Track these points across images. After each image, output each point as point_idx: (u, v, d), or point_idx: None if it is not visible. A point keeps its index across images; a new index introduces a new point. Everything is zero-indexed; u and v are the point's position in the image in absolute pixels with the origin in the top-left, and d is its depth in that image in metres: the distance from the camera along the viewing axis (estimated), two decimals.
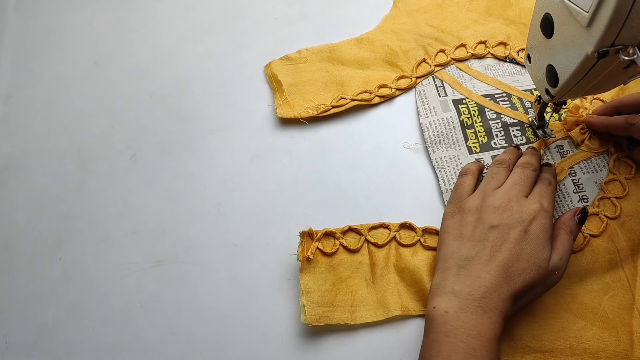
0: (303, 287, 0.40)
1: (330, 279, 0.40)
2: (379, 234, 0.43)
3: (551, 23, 0.35)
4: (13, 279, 0.44)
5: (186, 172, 0.48)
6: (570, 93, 0.37)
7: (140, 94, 0.53)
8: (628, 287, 0.39)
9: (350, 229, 0.42)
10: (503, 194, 0.38)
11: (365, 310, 0.39)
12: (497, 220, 0.36)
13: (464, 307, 0.33)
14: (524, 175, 0.40)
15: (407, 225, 0.43)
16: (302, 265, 0.40)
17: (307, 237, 0.42)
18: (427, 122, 0.48)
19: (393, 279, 0.41)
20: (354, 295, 0.40)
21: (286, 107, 0.50)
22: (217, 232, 0.45)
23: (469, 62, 0.52)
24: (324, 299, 0.39)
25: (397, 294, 0.40)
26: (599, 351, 0.37)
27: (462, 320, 0.32)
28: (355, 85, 0.51)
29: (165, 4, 0.60)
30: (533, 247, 0.35)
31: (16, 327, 0.41)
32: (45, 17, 0.61)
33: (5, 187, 0.49)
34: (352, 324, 0.39)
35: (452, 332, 0.32)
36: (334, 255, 0.41)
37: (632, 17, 0.29)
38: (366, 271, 0.41)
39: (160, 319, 0.41)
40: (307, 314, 0.38)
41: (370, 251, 0.42)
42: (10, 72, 0.56)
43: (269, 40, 0.56)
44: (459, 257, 0.36)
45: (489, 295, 0.33)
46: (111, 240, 0.45)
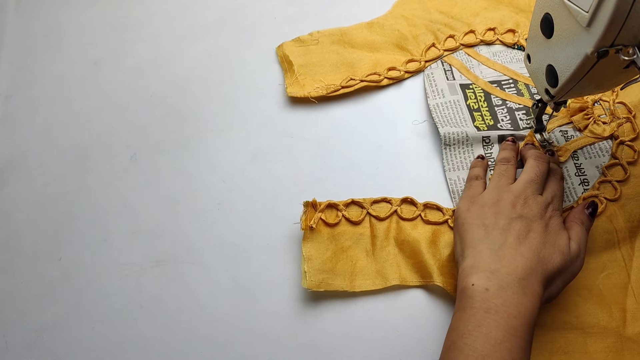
0: (305, 255, 0.41)
1: (332, 248, 0.41)
2: (381, 207, 0.44)
3: (551, 23, 0.35)
4: (13, 279, 0.44)
5: (186, 172, 0.48)
6: (570, 93, 0.37)
7: (140, 94, 0.53)
8: (624, 267, 0.40)
9: (353, 202, 0.44)
10: (519, 191, 0.39)
11: (364, 279, 0.41)
12: (517, 213, 0.37)
13: (504, 285, 0.33)
14: (539, 171, 0.40)
15: (408, 200, 0.44)
16: (305, 233, 0.42)
17: (311, 207, 0.43)
18: (435, 104, 0.49)
19: (392, 250, 0.42)
20: (354, 264, 0.41)
21: (296, 87, 0.51)
22: (217, 232, 0.45)
23: (477, 48, 0.53)
24: (325, 267, 0.40)
25: (395, 265, 0.41)
26: (591, 326, 0.38)
27: (503, 299, 0.32)
28: (365, 67, 0.52)
29: (165, 4, 0.60)
30: (554, 237, 0.36)
31: (16, 327, 0.41)
32: (45, 17, 0.61)
33: (5, 187, 0.49)
34: (351, 292, 0.40)
35: (494, 309, 0.32)
36: (336, 226, 0.43)
37: (632, 17, 0.29)
38: (367, 242, 0.42)
39: (160, 319, 0.41)
40: (308, 279, 0.40)
41: (371, 224, 0.43)
42: (10, 72, 0.56)
43: (269, 40, 0.56)
44: (489, 242, 0.36)
45: (528, 277, 0.34)
46: (111, 240, 0.45)
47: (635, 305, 0.38)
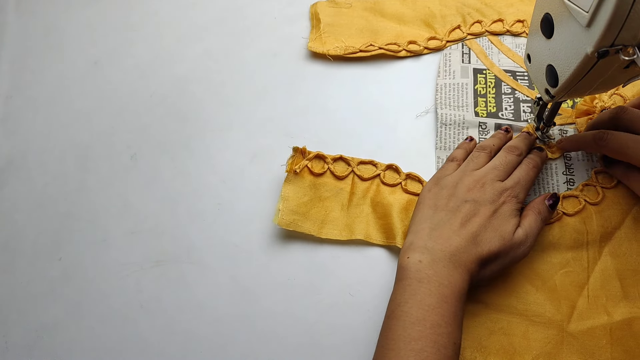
0: (283, 194, 0.44)
1: (310, 195, 0.44)
2: (366, 169, 0.46)
3: (551, 23, 0.35)
4: (13, 279, 0.44)
5: (186, 172, 0.48)
6: (570, 93, 0.37)
7: (140, 94, 0.53)
8: (586, 268, 0.40)
9: (342, 158, 0.46)
10: (480, 175, 0.40)
11: (333, 228, 0.43)
12: (470, 196, 0.39)
13: (436, 259, 0.35)
14: (505, 161, 0.41)
15: (393, 167, 0.46)
16: (288, 176, 0.44)
17: (300, 153, 0.45)
18: (442, 84, 0.50)
19: (366, 209, 0.44)
20: (326, 214, 0.43)
21: (318, 43, 0.54)
22: (217, 232, 0.45)
23: (502, 37, 0.54)
24: (299, 210, 0.43)
25: (365, 222, 0.43)
26: (536, 315, 0.39)
27: (435, 270, 0.35)
28: (387, 36, 0.54)
29: (165, 4, 0.60)
30: (500, 222, 0.38)
31: (16, 327, 0.41)
32: (45, 17, 0.61)
33: (5, 187, 0.49)
34: (318, 237, 0.43)
35: (426, 279, 0.34)
36: (320, 176, 0.45)
37: (632, 17, 0.29)
38: (344, 198, 0.44)
39: (160, 319, 0.41)
40: (280, 217, 0.42)
41: (353, 182, 0.45)
42: (10, 72, 0.56)
43: (269, 40, 0.56)
44: (431, 222, 0.38)
45: (459, 254, 0.35)
46: (111, 240, 0.45)
47: (586, 306, 0.39)
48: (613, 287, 0.39)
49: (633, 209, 0.42)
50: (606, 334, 0.37)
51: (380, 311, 0.40)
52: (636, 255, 0.40)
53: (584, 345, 0.37)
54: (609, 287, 0.39)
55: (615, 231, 0.41)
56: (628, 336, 0.37)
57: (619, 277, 0.39)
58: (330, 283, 0.41)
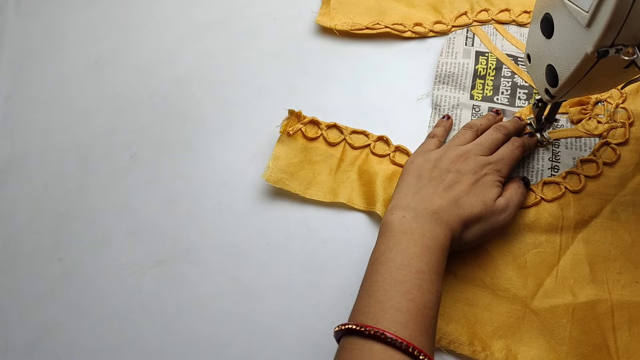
0: (274, 153, 0.45)
1: (300, 157, 0.46)
2: (358, 138, 0.47)
3: (551, 23, 0.35)
4: (13, 279, 0.44)
5: (186, 172, 0.48)
6: (570, 93, 0.37)
7: (140, 94, 0.53)
8: (558, 251, 0.41)
9: (335, 125, 0.48)
10: (464, 150, 0.41)
11: (318, 190, 0.45)
12: (453, 167, 0.39)
13: (419, 215, 0.36)
14: (491, 138, 0.42)
15: (383, 139, 0.47)
16: (281, 136, 0.46)
17: (295, 116, 0.47)
18: (443, 62, 0.51)
19: (352, 176, 0.45)
20: (314, 176, 0.45)
21: (326, 18, 0.55)
22: (217, 232, 0.45)
23: (507, 27, 0.54)
24: (288, 169, 0.45)
25: (349, 188, 0.45)
26: (502, 290, 0.40)
27: (417, 223, 0.36)
28: (395, 17, 0.55)
29: (165, 4, 0.60)
30: (481, 190, 0.39)
31: (16, 327, 0.41)
32: (45, 17, 0.61)
33: (5, 187, 0.49)
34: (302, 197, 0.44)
35: (409, 231, 0.35)
36: (313, 141, 0.47)
37: (632, 17, 0.29)
38: (333, 163, 0.46)
39: (160, 319, 0.41)
40: (268, 174, 0.44)
41: (344, 149, 0.47)
42: (10, 72, 0.56)
43: (269, 40, 0.56)
44: (414, 187, 0.39)
45: (441, 212, 0.36)
46: (111, 240, 0.45)
47: (553, 285, 0.40)
48: (582, 271, 0.40)
49: (612, 200, 0.42)
50: (568, 313, 0.38)
51: None
52: (608, 244, 0.41)
53: (545, 322, 0.38)
54: (578, 271, 0.40)
55: (591, 220, 0.42)
56: (590, 317, 0.38)
57: (589, 263, 0.40)
58: (330, 283, 0.42)
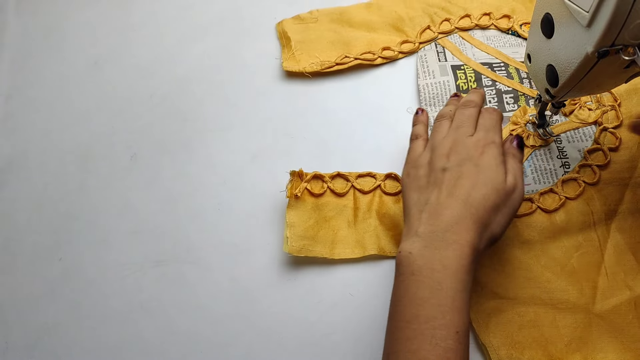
0: (288, 221, 0.42)
1: (315, 217, 0.43)
2: (365, 181, 0.45)
3: (551, 23, 0.35)
4: (13, 279, 0.44)
5: (186, 172, 0.48)
6: (570, 93, 0.37)
7: (140, 94, 0.53)
8: (598, 247, 0.41)
9: (339, 174, 0.45)
10: (448, 140, 0.39)
11: (344, 247, 0.42)
12: (448, 163, 0.37)
13: (427, 244, 0.33)
14: (464, 116, 0.40)
15: (392, 176, 0.45)
16: (290, 201, 0.43)
17: (297, 177, 0.44)
18: (424, 84, 0.50)
19: (373, 222, 0.43)
20: (335, 233, 0.43)
21: (292, 61, 0.53)
22: (217, 232, 0.45)
23: (472, 32, 0.54)
24: (307, 234, 0.42)
25: (375, 236, 0.42)
26: (561, 302, 0.39)
27: (425, 258, 0.33)
28: (360, 46, 0.54)
29: (165, 4, 0.60)
30: (487, 174, 0.36)
31: (16, 327, 0.41)
32: (45, 17, 0.61)
33: (5, 187, 0.49)
34: (330, 259, 0.42)
35: (417, 270, 0.32)
36: (321, 196, 0.44)
37: (632, 17, 0.29)
38: (349, 214, 0.44)
39: (160, 319, 0.41)
40: (289, 244, 0.41)
41: (355, 196, 0.44)
42: (10, 72, 0.56)
43: (269, 40, 0.56)
44: (419, 204, 0.36)
45: (451, 228, 0.33)
46: (111, 240, 0.45)
47: (607, 284, 0.39)
48: (628, 261, 0.40)
49: (630, 184, 0.42)
50: (631, 309, 0.38)
51: (380, 311, 0.40)
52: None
53: (612, 323, 0.38)
54: (624, 262, 0.40)
55: (617, 207, 0.42)
56: None
57: (632, 251, 0.40)
58: (330, 283, 0.41)
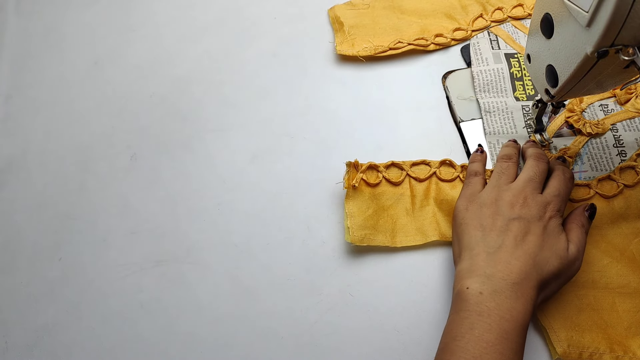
0: (347, 212, 0.43)
1: (373, 207, 0.43)
2: (420, 169, 0.45)
3: (551, 23, 0.35)
4: (13, 279, 0.44)
5: (186, 172, 0.48)
6: (570, 93, 0.37)
7: (140, 94, 0.53)
8: None
9: (393, 164, 0.45)
10: (519, 189, 0.39)
11: (405, 235, 0.42)
12: (516, 214, 0.37)
13: (498, 290, 0.33)
14: (538, 170, 0.40)
15: (447, 162, 0.45)
16: (348, 192, 0.43)
17: (353, 168, 0.44)
18: (478, 71, 0.51)
19: (432, 210, 0.43)
20: (394, 222, 0.43)
21: (346, 45, 0.54)
22: (217, 232, 0.45)
23: (524, 21, 0.55)
24: (367, 224, 0.42)
25: (435, 223, 0.43)
26: (621, 287, 0.39)
27: (496, 302, 0.32)
28: (412, 32, 0.55)
29: (165, 4, 0.60)
30: (552, 240, 0.36)
31: (16, 327, 0.41)
32: (45, 17, 0.61)
33: (5, 187, 0.49)
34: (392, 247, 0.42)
35: (487, 313, 0.32)
36: (377, 186, 0.44)
37: (632, 17, 0.29)
38: (407, 202, 0.44)
39: (160, 319, 0.41)
40: (352, 234, 0.41)
41: (411, 185, 0.45)
42: (10, 72, 0.56)
43: (269, 40, 0.56)
44: (485, 245, 0.36)
45: (521, 282, 0.34)
46: (111, 240, 0.45)
47: None
48: None
49: None
50: None
51: (381, 311, 0.40)
52: None
53: None
54: None
55: None
56: None
57: None
58: (330, 283, 0.41)
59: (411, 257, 0.42)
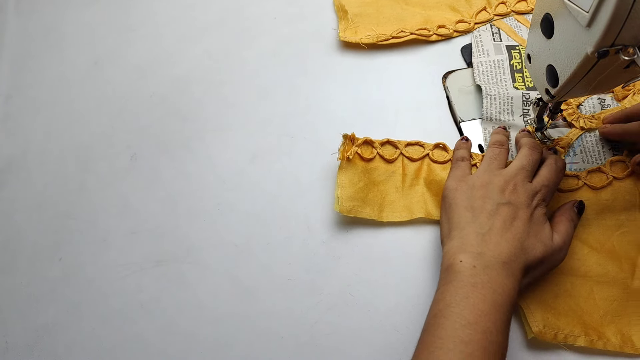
0: (339, 182, 0.44)
1: (364, 180, 0.45)
2: (414, 150, 0.47)
3: (551, 23, 0.35)
4: (13, 279, 0.44)
5: (186, 172, 0.48)
6: (570, 93, 0.37)
7: (140, 94, 0.53)
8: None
9: (389, 142, 0.47)
10: (510, 176, 0.40)
11: (392, 211, 0.44)
12: (506, 199, 0.38)
13: (489, 265, 0.35)
14: (531, 159, 0.41)
15: (440, 146, 0.46)
16: (341, 163, 0.45)
17: (349, 140, 0.45)
18: (479, 62, 0.52)
19: (421, 189, 0.45)
20: (383, 197, 0.44)
21: (349, 33, 0.55)
22: (217, 232, 0.45)
23: (527, 16, 0.55)
24: (356, 196, 0.44)
25: (422, 202, 0.44)
26: (599, 275, 0.40)
27: (489, 276, 0.34)
28: (415, 23, 0.55)
29: (165, 4, 0.60)
30: (538, 228, 0.38)
31: (16, 327, 0.41)
32: (45, 17, 0.61)
33: (5, 187, 0.49)
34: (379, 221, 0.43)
35: (480, 284, 0.34)
36: (371, 161, 0.46)
37: (632, 17, 0.29)
38: (398, 180, 0.45)
39: (160, 319, 0.41)
40: (340, 204, 0.43)
41: (403, 164, 0.46)
42: (10, 72, 0.56)
43: (269, 40, 0.56)
44: (476, 226, 0.37)
45: (510, 262, 0.35)
46: (111, 240, 0.45)
47: None
48: None
49: None
50: None
51: (381, 311, 0.40)
52: None
53: None
54: None
55: None
56: None
57: None
58: (330, 283, 0.41)
59: (411, 257, 0.42)
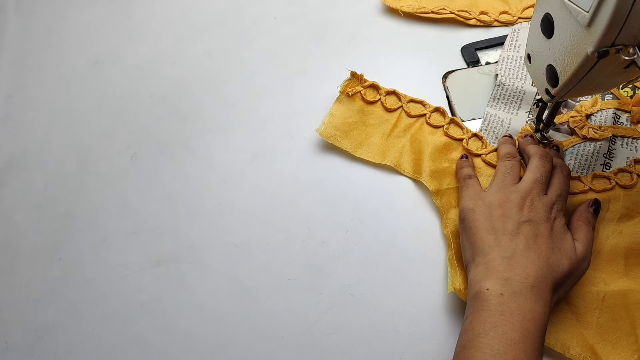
0: (331, 111, 0.47)
1: (355, 118, 0.47)
2: (415, 107, 0.48)
3: (551, 23, 0.35)
4: (13, 279, 0.44)
5: (186, 172, 0.48)
6: (570, 93, 0.37)
7: (140, 94, 0.53)
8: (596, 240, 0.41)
9: (394, 92, 0.49)
10: (526, 191, 0.39)
11: (368, 150, 0.46)
12: (525, 216, 0.37)
13: (517, 292, 0.34)
14: (544, 171, 0.40)
15: (440, 110, 0.48)
16: (340, 96, 0.48)
17: (356, 79, 0.48)
18: (505, 55, 0.51)
19: (403, 142, 0.46)
20: (366, 138, 0.47)
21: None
22: (217, 232, 0.45)
23: None
24: (341, 127, 0.47)
25: (399, 153, 0.46)
26: None
27: (517, 303, 0.33)
28: (460, 4, 0.55)
29: (165, 4, 0.60)
30: (560, 241, 0.37)
31: (16, 327, 0.41)
32: (45, 17, 0.61)
33: (5, 187, 0.49)
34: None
35: (509, 312, 0.33)
36: (371, 105, 0.48)
37: (632, 17, 0.29)
38: (387, 128, 0.47)
39: (160, 319, 0.41)
40: (323, 129, 0.46)
41: (400, 116, 0.48)
42: (10, 72, 0.56)
43: (269, 40, 0.56)
44: (500, 250, 0.36)
45: (538, 285, 0.34)
46: (111, 240, 0.45)
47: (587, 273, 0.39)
48: (617, 264, 0.40)
49: None
50: (598, 300, 0.38)
51: (381, 311, 0.40)
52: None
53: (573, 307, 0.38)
54: (613, 264, 0.40)
55: (637, 216, 0.41)
56: (620, 305, 0.38)
57: (625, 256, 0.40)
58: (330, 283, 0.41)
59: (411, 258, 0.42)
